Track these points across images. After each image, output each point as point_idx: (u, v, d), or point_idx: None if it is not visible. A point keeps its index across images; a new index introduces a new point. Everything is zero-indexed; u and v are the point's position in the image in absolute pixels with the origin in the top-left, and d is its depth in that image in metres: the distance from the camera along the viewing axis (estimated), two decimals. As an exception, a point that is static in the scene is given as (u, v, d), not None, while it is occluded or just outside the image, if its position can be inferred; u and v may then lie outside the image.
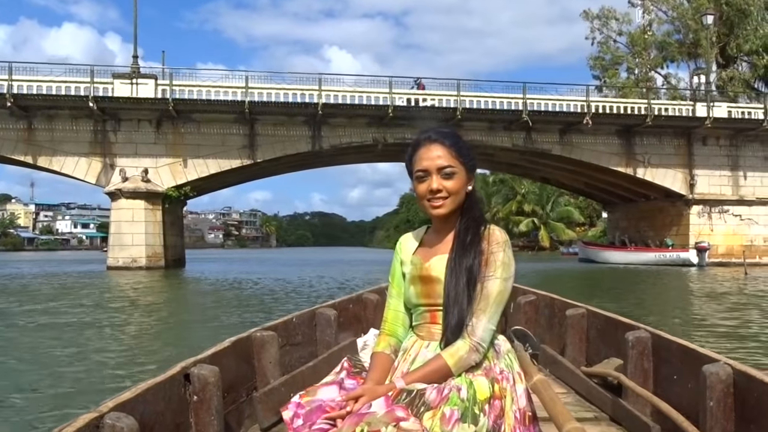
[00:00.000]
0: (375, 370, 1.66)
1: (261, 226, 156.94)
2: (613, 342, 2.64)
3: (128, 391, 1.66)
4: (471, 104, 25.17)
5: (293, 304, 12.03)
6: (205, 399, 1.92)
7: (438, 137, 1.66)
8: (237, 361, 2.31)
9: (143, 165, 23.37)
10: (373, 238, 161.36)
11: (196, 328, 9.45)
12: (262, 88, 23.99)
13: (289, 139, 24.62)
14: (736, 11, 34.29)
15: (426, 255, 1.69)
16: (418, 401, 1.45)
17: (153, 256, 23.37)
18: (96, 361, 6.62)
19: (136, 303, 12.87)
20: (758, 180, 28.17)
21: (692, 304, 13.05)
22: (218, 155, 24.13)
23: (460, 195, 1.65)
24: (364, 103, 24.55)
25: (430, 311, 1.66)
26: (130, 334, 8.74)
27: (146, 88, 23.23)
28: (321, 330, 3.10)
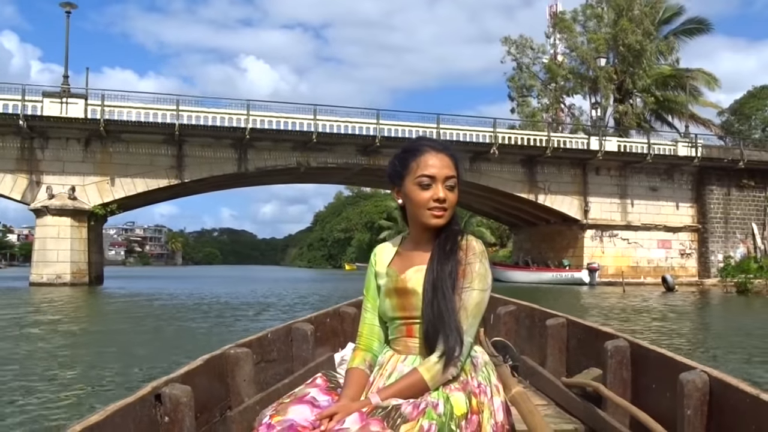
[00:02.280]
0: (350, 387, 1.61)
1: (166, 242, 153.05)
2: (593, 352, 2.60)
3: (96, 414, 1.60)
4: (389, 132, 27.06)
5: (239, 313, 13.28)
6: (177, 420, 1.86)
7: (443, 148, 1.66)
8: (210, 379, 2.25)
9: (70, 183, 23.77)
10: (286, 256, 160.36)
11: (143, 338, 10.53)
12: (191, 111, 24.97)
13: (216, 161, 25.67)
14: (631, 51, 37.94)
15: (402, 266, 1.66)
16: (395, 414, 1.42)
17: (77, 273, 23.73)
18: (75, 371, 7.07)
19: (79, 317, 13.71)
20: (643, 207, 31.47)
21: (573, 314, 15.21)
22: (146, 174, 24.84)
23: (454, 207, 1.65)
24: (289, 129, 25.96)
25: (406, 324, 1.64)
26: (76, 346, 9.61)
27: (76, 107, 23.71)
28: (297, 345, 3.03)
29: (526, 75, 40.52)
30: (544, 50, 40.75)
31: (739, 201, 32.12)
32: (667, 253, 31.65)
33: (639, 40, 36.63)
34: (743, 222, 32.07)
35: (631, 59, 38.08)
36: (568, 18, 39.32)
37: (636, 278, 30.30)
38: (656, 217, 31.48)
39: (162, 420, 1.83)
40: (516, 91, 40.78)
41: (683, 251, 31.89)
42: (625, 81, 39.18)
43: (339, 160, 27.15)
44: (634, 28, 36.47)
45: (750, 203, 32.20)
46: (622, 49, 37.77)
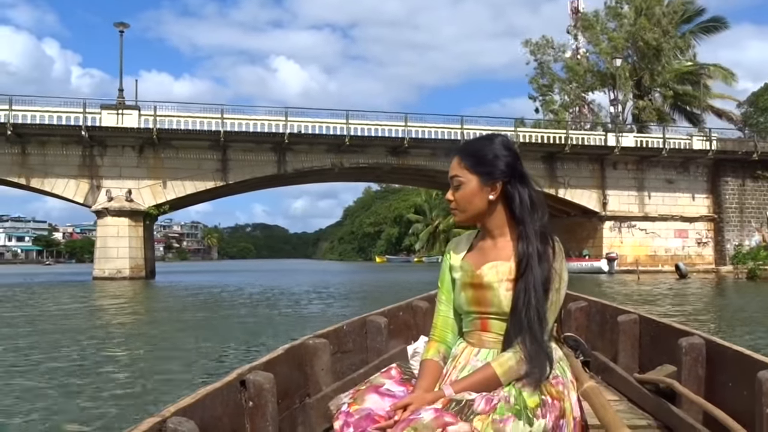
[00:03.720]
0: (424, 378, 1.64)
1: (202, 238, 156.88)
2: (667, 348, 2.60)
3: (188, 397, 1.71)
4: (417, 134, 29.04)
5: (285, 304, 15.41)
6: (260, 405, 1.97)
7: (455, 150, 1.71)
8: (290, 367, 2.35)
9: (127, 186, 26.22)
10: (317, 250, 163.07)
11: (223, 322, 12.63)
12: (234, 118, 27.25)
13: (258, 164, 27.91)
14: (650, 48, 39.18)
15: (477, 261, 1.67)
16: (467, 410, 1.45)
17: (135, 268, 26.19)
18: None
19: (155, 307, 16.00)
20: (660, 199, 32.97)
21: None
22: (194, 177, 27.19)
23: (473, 204, 1.65)
24: (323, 133, 28.11)
25: (480, 318, 1.65)
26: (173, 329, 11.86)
27: (130, 118, 26.13)
28: (371, 337, 3.13)
29: (548, 75, 41.93)
30: (564, 49, 42.13)
31: (754, 191, 33.40)
32: (683, 242, 33.10)
33: (657, 38, 37.90)
34: (758, 211, 33.34)
35: (650, 56, 39.36)
36: (590, 17, 40.64)
37: (654, 266, 31.85)
38: (673, 208, 32.93)
39: (246, 404, 1.94)
40: (539, 90, 42.26)
41: (699, 240, 33.30)
42: (643, 77, 40.48)
43: (370, 160, 29.23)
44: (652, 27, 37.76)
45: (764, 193, 33.45)
46: (642, 46, 39.07)
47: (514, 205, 1.63)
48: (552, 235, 1.63)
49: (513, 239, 1.64)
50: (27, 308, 14.63)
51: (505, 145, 1.68)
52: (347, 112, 28.40)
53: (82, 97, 26.47)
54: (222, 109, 27.09)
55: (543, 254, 1.59)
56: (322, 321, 10.70)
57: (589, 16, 41.30)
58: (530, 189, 1.65)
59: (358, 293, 20.41)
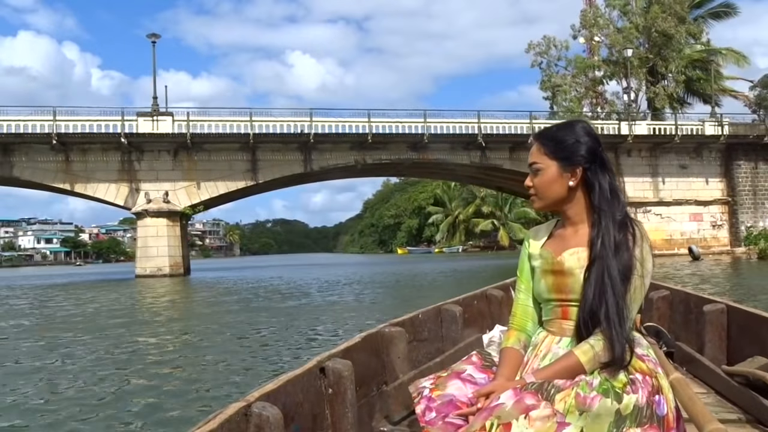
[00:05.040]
0: (505, 366, 1.63)
1: (224, 235, 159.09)
2: (757, 339, 2.51)
3: (271, 383, 1.78)
4: (435, 130, 30.32)
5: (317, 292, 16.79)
6: (339, 392, 2.00)
7: (533, 137, 1.71)
8: (367, 355, 2.38)
9: (163, 188, 27.81)
10: (338, 244, 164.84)
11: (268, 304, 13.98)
12: (262, 120, 28.74)
13: (285, 163, 29.38)
14: (662, 36, 39.96)
15: (557, 248, 1.65)
16: (548, 386, 1.44)
17: (174, 265, 27.81)
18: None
19: (213, 301, 17.45)
20: (674, 184, 33.92)
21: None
22: (226, 178, 28.72)
23: (552, 190, 1.64)
24: (347, 132, 29.51)
25: (561, 306, 1.63)
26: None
27: (165, 123, 27.70)
28: (446, 326, 3.13)
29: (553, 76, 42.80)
30: (568, 46, 42.91)
31: (766, 174, 34.23)
32: (699, 225, 34.05)
33: (669, 26, 38.69)
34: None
35: (661, 44, 40.12)
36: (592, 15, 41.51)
37: (670, 250, 32.84)
38: (687, 192, 33.87)
39: (326, 391, 2.00)
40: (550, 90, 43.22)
41: (714, 223, 34.22)
42: (656, 64, 41.29)
43: (392, 156, 30.59)
44: (665, 16, 38.56)
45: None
46: (655, 35, 39.86)
47: (593, 193, 1.61)
48: (633, 222, 1.59)
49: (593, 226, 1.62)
50: (94, 304, 16.06)
51: (586, 131, 1.65)
52: (368, 111, 29.73)
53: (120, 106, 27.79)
54: (251, 112, 28.64)
55: (622, 242, 1.55)
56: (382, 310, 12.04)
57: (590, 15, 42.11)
58: (611, 176, 1.62)
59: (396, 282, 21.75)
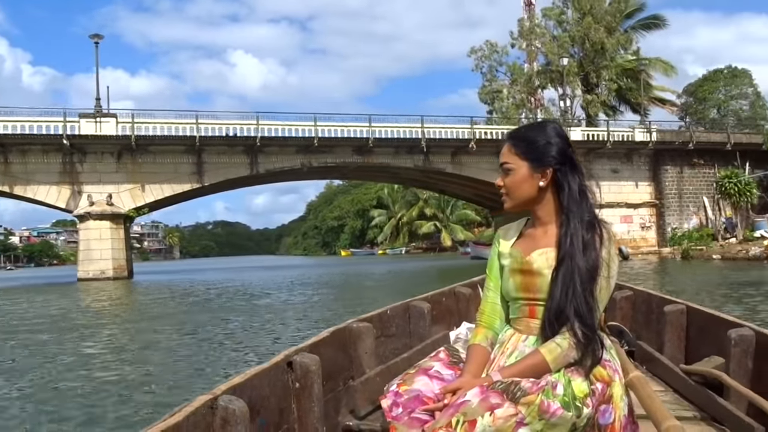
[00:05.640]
0: (472, 363, 1.65)
1: (164, 237, 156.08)
2: (715, 340, 2.56)
3: (238, 376, 1.80)
4: (380, 134, 31.04)
5: (260, 293, 17.19)
6: (306, 386, 2.02)
7: (506, 137, 1.74)
8: (335, 350, 2.41)
9: (107, 191, 27.55)
10: (280, 246, 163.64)
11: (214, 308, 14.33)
12: (208, 123, 28.83)
13: (231, 166, 29.54)
14: (594, 47, 41.77)
15: (526, 248, 1.69)
16: (514, 387, 1.46)
17: (118, 268, 27.58)
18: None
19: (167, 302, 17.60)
20: (607, 188, 35.47)
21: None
22: (171, 180, 28.67)
23: (522, 191, 1.68)
24: (293, 135, 29.91)
25: (529, 305, 1.66)
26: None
27: (108, 125, 27.47)
28: (414, 322, 3.16)
29: (494, 82, 44.28)
30: (508, 52, 44.47)
31: (691, 178, 36.29)
32: (629, 227, 35.82)
33: (601, 37, 40.55)
34: (695, 197, 36.22)
35: (594, 53, 41.94)
36: (529, 24, 43.18)
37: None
38: (618, 195, 35.57)
39: (293, 385, 2.03)
40: (488, 96, 44.62)
41: (643, 224, 36.07)
42: (590, 73, 43.18)
43: (337, 159, 31.12)
44: (597, 26, 40.40)
45: (701, 180, 36.35)
46: (588, 45, 41.66)
47: (562, 194, 1.64)
48: (600, 223, 1.62)
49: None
50: (43, 308, 16.01)
51: (556, 132, 1.68)
52: (315, 115, 30.24)
53: (60, 107, 27.40)
54: (197, 115, 28.70)
55: (589, 242, 1.58)
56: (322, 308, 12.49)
57: (527, 24, 43.78)
58: (580, 178, 1.65)
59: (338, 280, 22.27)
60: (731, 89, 47.51)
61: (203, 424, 1.58)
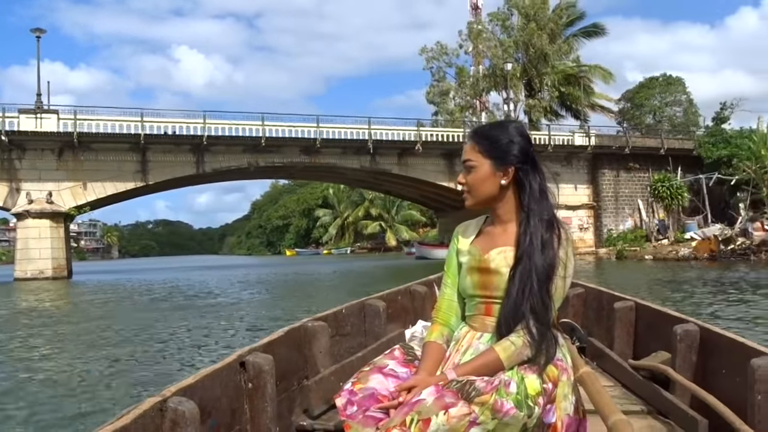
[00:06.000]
0: (427, 360, 1.66)
1: (102, 236, 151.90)
2: (662, 335, 2.61)
3: (189, 377, 1.77)
4: (328, 134, 31.26)
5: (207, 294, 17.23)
6: (259, 386, 2.02)
7: (469, 135, 1.76)
8: (289, 350, 2.40)
9: (47, 188, 26.87)
10: (223, 245, 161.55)
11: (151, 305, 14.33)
12: (154, 121, 28.47)
13: (177, 164, 29.23)
14: (537, 53, 42.92)
15: (485, 246, 1.70)
16: (469, 387, 1.47)
17: (57, 268, 26.95)
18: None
19: (110, 301, 17.40)
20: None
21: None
22: (114, 179, 28.18)
23: (484, 188, 1.68)
24: (240, 135, 29.83)
25: (485, 303, 1.68)
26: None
27: (49, 122, 26.83)
28: (370, 321, 3.17)
29: (443, 82, 45.03)
30: (458, 54, 45.33)
31: (627, 181, 37.79)
32: (568, 228, 36.99)
33: (544, 44, 41.73)
34: (631, 199, 37.73)
35: (537, 59, 43.11)
36: (477, 27, 44.14)
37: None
38: (559, 197, 36.55)
39: (246, 386, 2.02)
40: (436, 96, 45.31)
41: (581, 226, 37.35)
42: (532, 78, 44.37)
43: (285, 159, 31.18)
44: (540, 33, 41.57)
45: (636, 183, 37.88)
46: (531, 51, 42.80)
47: (523, 192, 1.65)
48: (560, 224, 1.65)
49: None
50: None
51: (519, 131, 1.70)
52: (262, 114, 30.26)
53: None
54: (142, 112, 28.29)
55: (547, 242, 1.60)
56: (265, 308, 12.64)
57: (475, 27, 44.72)
58: (541, 177, 1.67)
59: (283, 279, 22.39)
60: (666, 96, 49.66)
61: (152, 426, 1.55)
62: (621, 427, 1.65)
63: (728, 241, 24.31)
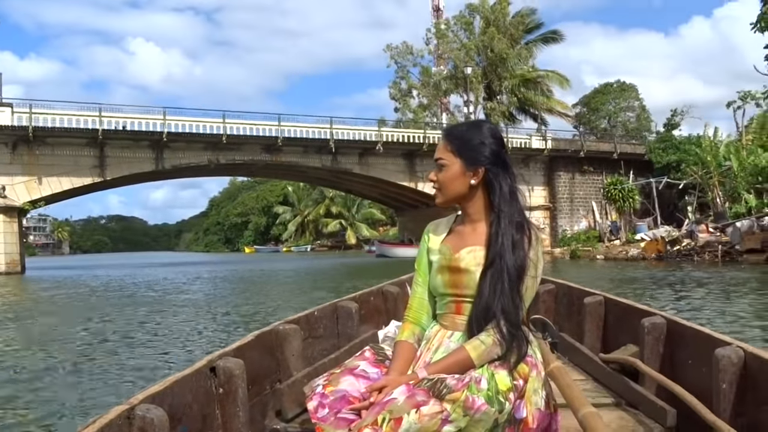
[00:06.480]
0: (398, 360, 1.67)
1: (51, 232, 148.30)
2: (630, 328, 2.66)
3: (158, 384, 1.74)
4: (289, 133, 31.39)
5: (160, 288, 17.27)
6: (230, 391, 1.99)
7: (443, 132, 1.77)
8: (261, 354, 2.38)
9: (0, 183, 26.41)
10: (180, 242, 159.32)
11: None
12: (112, 116, 28.18)
13: (136, 160, 28.99)
14: (497, 57, 43.68)
15: (456, 245, 1.71)
16: (440, 385, 1.48)
17: (11, 263, 26.50)
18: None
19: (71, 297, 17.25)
20: (505, 191, 37.44)
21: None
22: (71, 173, 27.79)
23: (453, 187, 1.70)
24: (201, 132, 29.74)
25: (456, 302, 1.69)
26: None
27: (3, 115, 26.32)
28: (342, 323, 3.17)
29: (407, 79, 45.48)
30: (423, 54, 45.88)
31: (582, 184, 38.83)
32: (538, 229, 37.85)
33: (503, 48, 42.50)
34: (585, 201, 38.77)
35: (496, 63, 43.89)
36: (443, 28, 44.74)
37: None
38: (516, 199, 37.49)
39: (216, 391, 2.00)
40: (398, 93, 45.72)
41: (538, 226, 37.65)
42: (492, 82, 45.14)
43: (246, 157, 31.21)
44: (500, 37, 42.32)
45: (590, 186, 38.95)
46: (491, 54, 43.53)
47: (493, 193, 1.66)
48: (530, 225, 1.67)
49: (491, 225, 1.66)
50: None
51: (492, 133, 1.71)
52: (224, 112, 30.28)
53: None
54: (100, 108, 27.93)
55: (518, 242, 1.62)
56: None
57: (442, 27, 45.35)
58: (512, 179, 1.69)
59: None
60: (620, 102, 51.09)
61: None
62: (590, 420, 1.68)
63: (675, 242, 25.26)
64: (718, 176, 29.80)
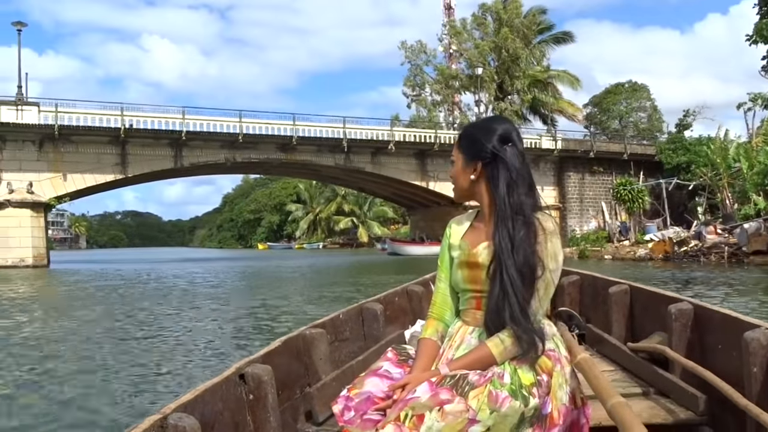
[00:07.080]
0: (421, 357, 1.68)
1: (69, 227, 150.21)
2: (657, 316, 2.65)
3: (188, 393, 1.76)
4: (304, 132, 32.18)
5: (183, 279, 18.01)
6: (260, 397, 2.01)
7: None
8: (289, 359, 2.40)
9: (28, 179, 27.33)
10: (193, 238, 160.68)
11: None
12: (133, 116, 29.09)
13: (156, 158, 29.91)
14: (510, 57, 44.23)
15: (474, 240, 1.71)
16: (462, 382, 1.49)
17: (38, 256, 27.47)
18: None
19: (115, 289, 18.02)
20: (515, 191, 38.01)
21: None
22: (94, 171, 28.74)
23: (459, 182, 1.74)
24: (218, 131, 30.59)
25: (475, 297, 1.69)
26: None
27: (30, 114, 27.28)
28: (368, 324, 3.17)
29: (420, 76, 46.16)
30: (435, 54, 46.53)
31: (592, 184, 39.33)
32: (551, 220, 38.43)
33: (517, 48, 43.02)
34: (595, 201, 39.27)
35: (509, 63, 44.43)
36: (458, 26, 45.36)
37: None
38: (527, 198, 38.03)
39: (247, 397, 2.01)
40: (411, 89, 46.38)
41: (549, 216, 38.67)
42: (504, 82, 45.66)
43: (261, 156, 32.05)
44: (513, 37, 42.85)
45: (600, 186, 39.44)
46: (505, 54, 44.05)
47: (494, 189, 1.65)
48: (538, 219, 1.63)
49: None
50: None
51: (499, 129, 1.70)
52: (240, 111, 31.15)
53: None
54: (122, 107, 28.92)
55: (521, 240, 1.59)
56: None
57: (457, 25, 45.97)
58: (512, 174, 1.65)
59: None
60: (631, 102, 51.40)
61: None
62: (619, 410, 1.66)
63: (682, 243, 25.75)
64: (727, 178, 30.18)
